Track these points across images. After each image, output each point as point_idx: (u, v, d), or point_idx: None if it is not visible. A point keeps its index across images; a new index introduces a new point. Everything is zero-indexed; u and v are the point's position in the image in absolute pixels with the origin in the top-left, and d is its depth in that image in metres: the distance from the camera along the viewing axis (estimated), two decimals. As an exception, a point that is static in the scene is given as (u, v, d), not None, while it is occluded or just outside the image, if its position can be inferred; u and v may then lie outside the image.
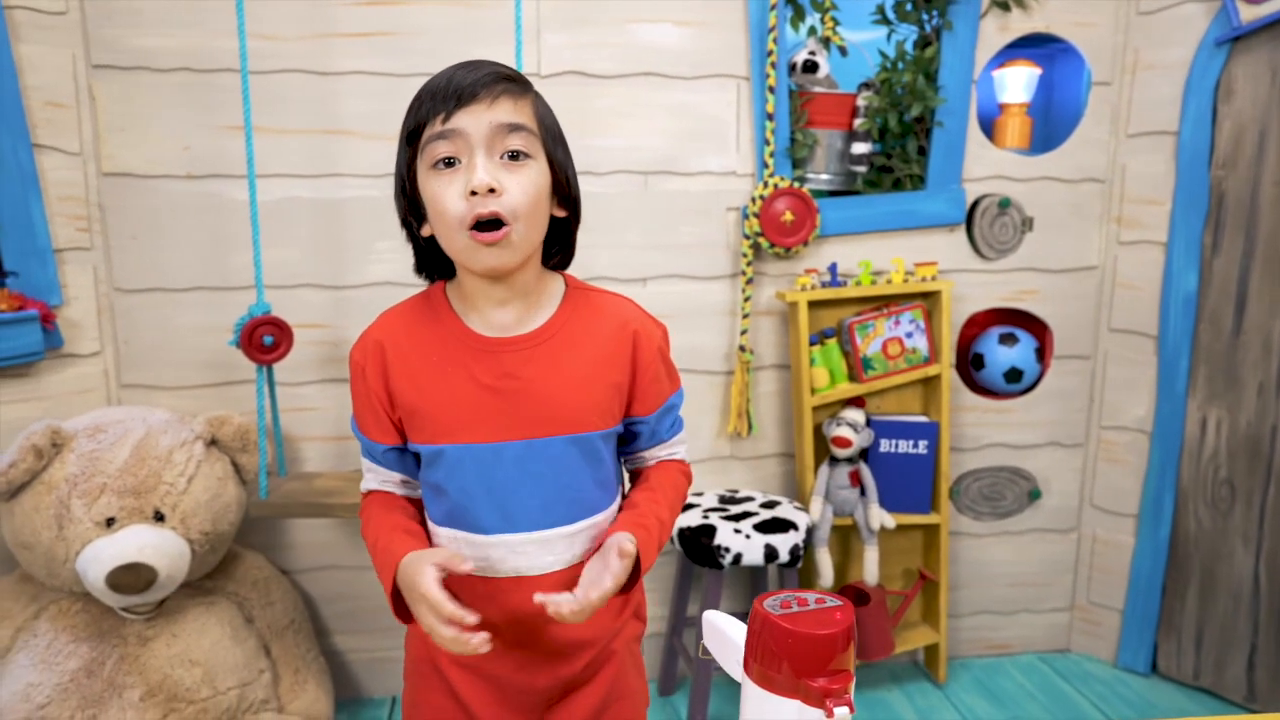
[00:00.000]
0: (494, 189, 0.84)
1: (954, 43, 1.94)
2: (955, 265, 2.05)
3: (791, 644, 0.52)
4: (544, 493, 0.92)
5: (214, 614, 1.66)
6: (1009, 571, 2.21)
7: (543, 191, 0.89)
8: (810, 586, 1.99)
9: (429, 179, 0.87)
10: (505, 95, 0.86)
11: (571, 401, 0.93)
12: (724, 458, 2.06)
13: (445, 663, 0.99)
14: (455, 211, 0.85)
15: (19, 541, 1.55)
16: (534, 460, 0.92)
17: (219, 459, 1.68)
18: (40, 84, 1.68)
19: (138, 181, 1.77)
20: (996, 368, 2.08)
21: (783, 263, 1.99)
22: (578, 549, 0.96)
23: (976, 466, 2.15)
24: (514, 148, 0.86)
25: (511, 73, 0.89)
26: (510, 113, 0.86)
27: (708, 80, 1.92)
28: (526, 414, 0.91)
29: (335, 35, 1.78)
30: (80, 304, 1.75)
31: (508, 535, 0.93)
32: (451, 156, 0.86)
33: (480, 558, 0.94)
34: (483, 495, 0.92)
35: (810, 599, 0.56)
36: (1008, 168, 2.04)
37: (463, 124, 0.85)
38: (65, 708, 1.47)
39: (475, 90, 0.85)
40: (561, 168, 0.92)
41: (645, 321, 1.00)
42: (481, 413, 0.91)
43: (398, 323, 0.96)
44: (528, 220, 0.87)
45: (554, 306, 0.95)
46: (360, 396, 0.96)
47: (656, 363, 0.99)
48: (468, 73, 0.86)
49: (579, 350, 0.94)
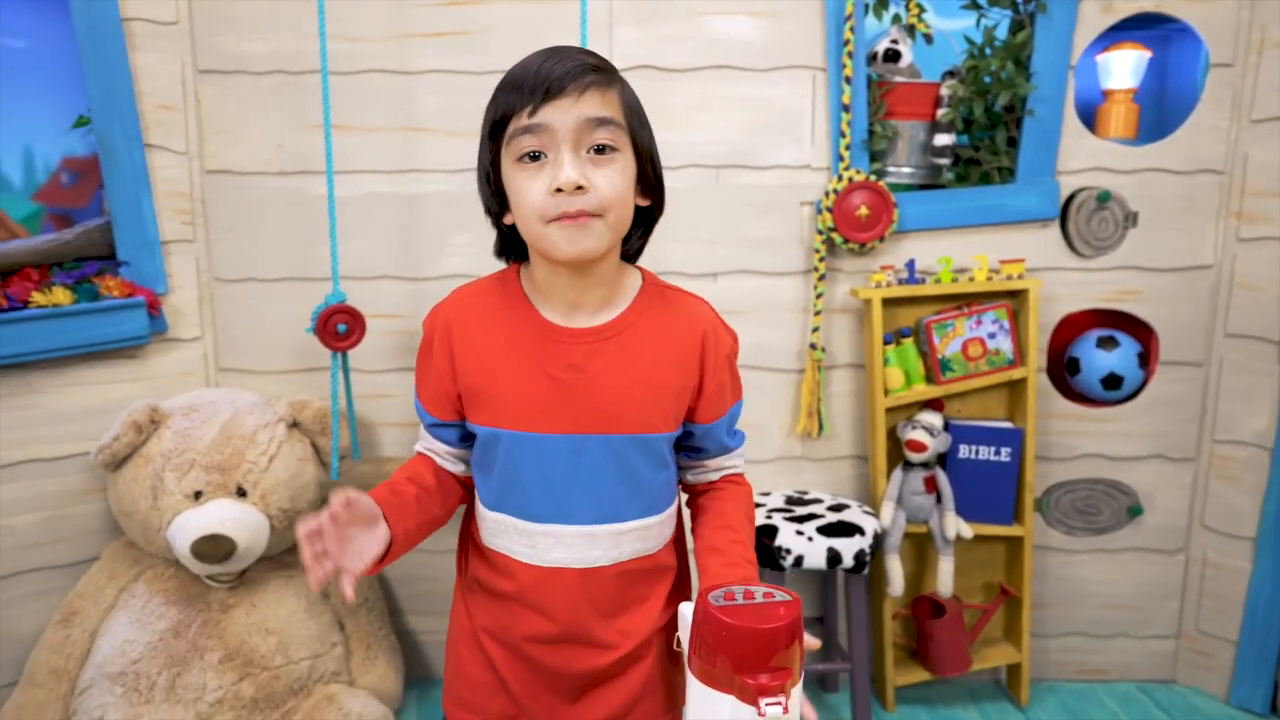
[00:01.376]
0: (581, 186, 0.83)
1: (1049, 26, 1.83)
2: (1047, 263, 1.93)
3: (727, 637, 0.50)
4: (598, 489, 0.92)
5: (291, 587, 1.76)
6: (1105, 592, 2.06)
7: (629, 185, 0.88)
8: (881, 594, 1.92)
9: (514, 172, 0.87)
10: (593, 87, 0.85)
11: (635, 400, 0.91)
12: (795, 458, 2.02)
13: (486, 637, 1.01)
14: (540, 207, 0.85)
15: (121, 509, 1.68)
16: (591, 455, 0.91)
17: (300, 440, 1.77)
18: (152, 89, 1.82)
19: (235, 178, 1.89)
20: (1094, 373, 1.95)
21: (858, 259, 1.93)
22: (624, 548, 0.95)
23: (1069, 478, 2.01)
24: (601, 141, 0.85)
25: (599, 61, 0.87)
26: (598, 106, 0.85)
27: (782, 72, 1.88)
28: (588, 408, 0.90)
29: (414, 35, 1.84)
30: (183, 292, 1.89)
31: (557, 526, 0.93)
32: (537, 150, 0.85)
33: (527, 545, 0.94)
34: (536, 484, 0.92)
35: (759, 592, 0.54)
36: (1109, 159, 1.90)
37: (549, 118, 0.83)
38: (154, 664, 1.58)
39: (563, 83, 0.83)
40: (647, 156, 0.91)
41: (718, 327, 0.98)
42: (542, 402, 0.91)
43: (469, 301, 0.97)
44: (614, 213, 0.86)
45: (628, 301, 0.94)
46: (424, 369, 0.98)
47: (724, 371, 0.97)
48: (554, 63, 0.84)
49: (648, 349, 0.92)
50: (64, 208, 1.91)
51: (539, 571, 0.94)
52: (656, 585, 1.00)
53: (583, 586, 0.94)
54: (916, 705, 1.98)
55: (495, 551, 0.98)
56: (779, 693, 0.49)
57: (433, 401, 0.98)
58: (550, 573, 0.94)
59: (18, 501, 1.73)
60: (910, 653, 2.01)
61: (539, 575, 0.94)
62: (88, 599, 1.70)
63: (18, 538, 1.74)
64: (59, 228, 1.83)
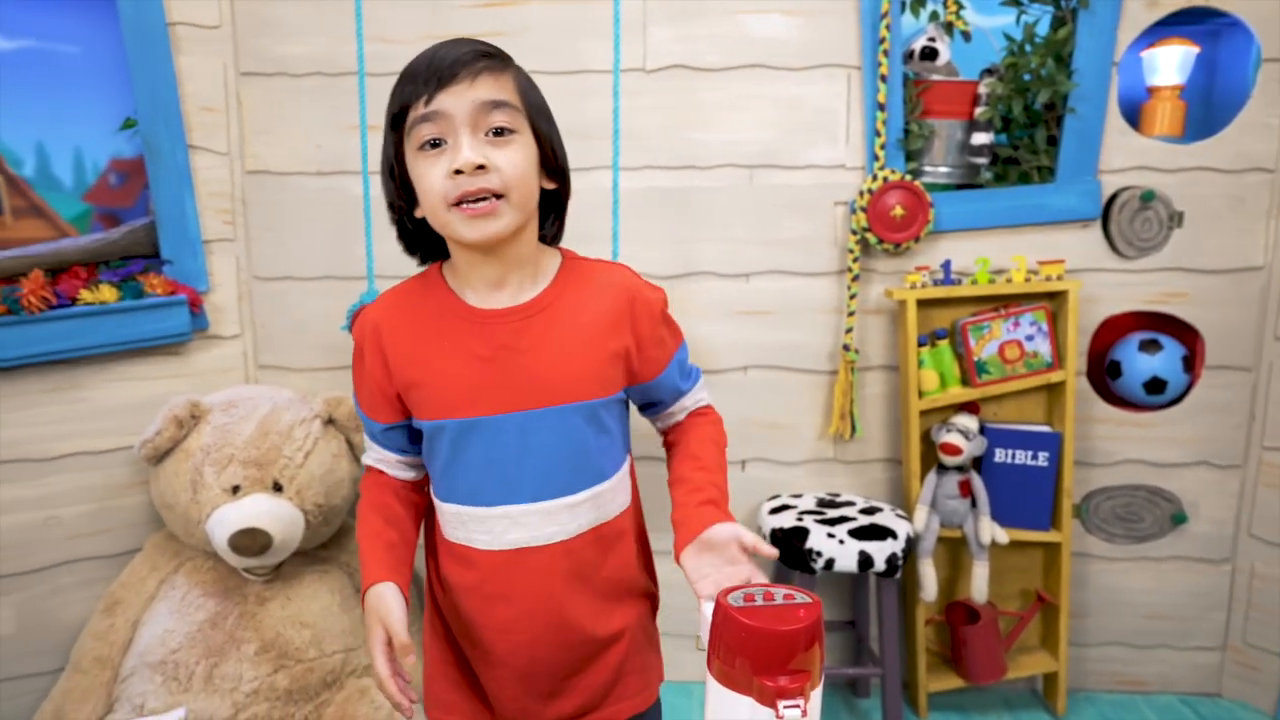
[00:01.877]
0: (482, 166, 0.85)
1: (1091, 22, 1.79)
2: (1088, 264, 1.89)
3: (747, 639, 0.50)
4: (545, 463, 0.93)
5: (326, 582, 1.78)
6: (1146, 601, 2.01)
7: (531, 164, 0.90)
8: (914, 599, 1.89)
9: (416, 161, 0.88)
10: (485, 72, 0.87)
11: (569, 371, 0.93)
12: (826, 460, 2.00)
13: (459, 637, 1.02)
14: (441, 190, 0.86)
15: (163, 502, 1.72)
16: (534, 431, 0.92)
17: (335, 437, 1.80)
18: (196, 91, 1.86)
19: (275, 178, 1.92)
20: (1136, 377, 1.90)
21: (893, 259, 1.90)
22: (581, 519, 0.96)
23: (1109, 484, 1.97)
24: (498, 124, 0.87)
25: (491, 49, 0.90)
26: (492, 89, 0.87)
27: (817, 70, 1.86)
28: (524, 385, 0.92)
29: (450, 37, 1.85)
30: (224, 290, 1.93)
31: (509, 506, 0.94)
32: (437, 138, 0.86)
33: (483, 531, 0.95)
34: (484, 468, 0.93)
35: (779, 594, 0.53)
36: (1154, 157, 1.86)
37: (445, 104, 0.85)
38: (192, 654, 1.62)
39: (455, 70, 0.85)
40: (547, 139, 0.93)
41: (642, 288, 0.99)
42: (479, 386, 0.92)
43: (394, 301, 0.99)
44: (518, 192, 0.88)
45: (549, 278, 0.96)
46: (359, 375, 0.99)
47: (659, 326, 1.00)
48: (448, 51, 0.87)
49: (575, 319, 0.94)
50: (112, 208, 1.96)
51: (500, 556, 0.95)
52: (620, 558, 1.01)
53: (545, 564, 0.95)
54: (950, 712, 1.95)
55: (456, 544, 0.98)
56: (798, 695, 0.49)
57: (372, 406, 1.00)
58: (511, 555, 0.95)
59: (66, 493, 1.78)
60: (944, 659, 1.98)
61: (500, 560, 0.95)
62: (130, 589, 1.74)
63: (66, 528, 1.79)
64: (107, 227, 1.88)
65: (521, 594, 0.96)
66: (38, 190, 1.85)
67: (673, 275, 1.91)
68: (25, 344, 1.68)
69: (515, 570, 0.95)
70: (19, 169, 1.82)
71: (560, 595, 0.96)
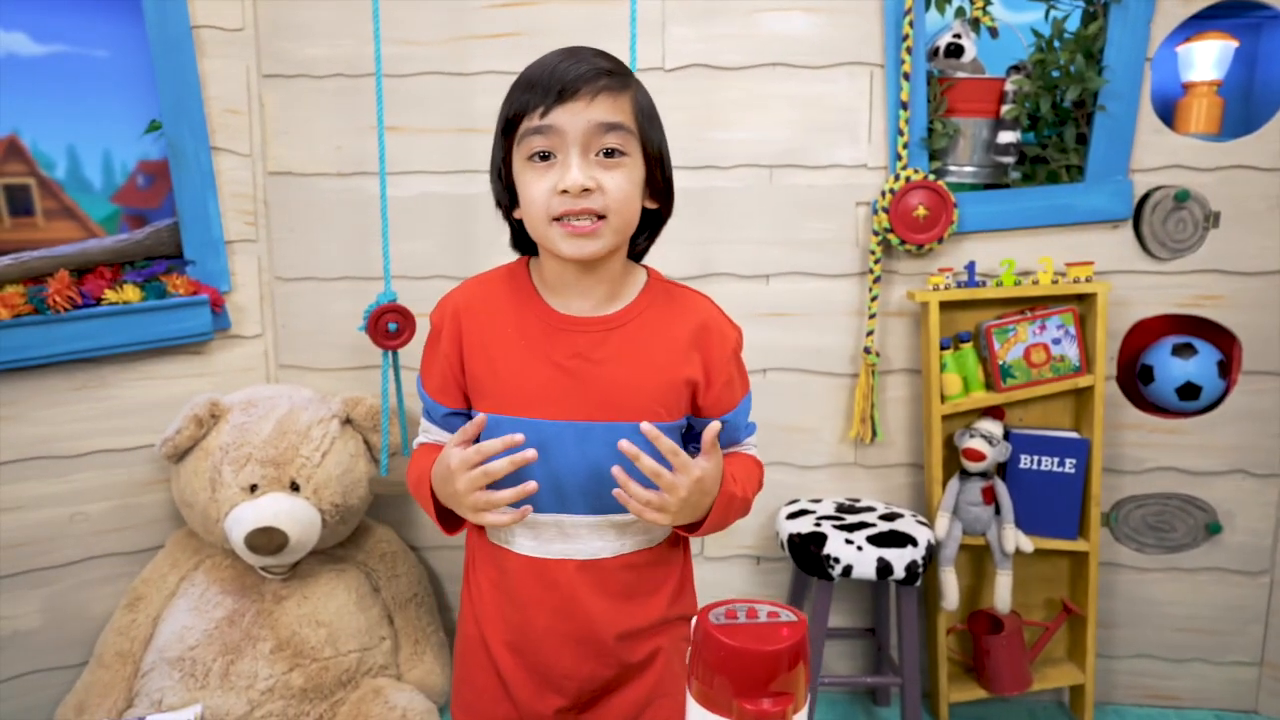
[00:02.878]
0: (588, 189, 0.85)
1: (1124, 16, 1.74)
2: (1118, 266, 1.83)
3: (727, 659, 0.48)
4: (600, 478, 0.91)
5: (343, 581, 1.79)
6: (1179, 614, 1.95)
7: (636, 188, 0.90)
8: (935, 607, 1.86)
9: (524, 169, 0.88)
10: (605, 92, 0.86)
11: (639, 389, 0.92)
12: (847, 464, 1.97)
13: (494, 643, 1.00)
14: (545, 205, 0.86)
15: (183, 500, 1.74)
16: (595, 443, 0.91)
17: (353, 437, 1.81)
18: (219, 94, 1.88)
19: (296, 180, 1.94)
20: (1169, 382, 1.85)
21: (915, 260, 1.87)
22: (628, 540, 0.96)
23: (1140, 492, 1.91)
24: (610, 146, 0.86)
25: (613, 65, 0.88)
26: (609, 111, 0.86)
27: (838, 69, 1.83)
28: (593, 397, 0.91)
29: (470, 37, 1.86)
30: (246, 290, 1.94)
31: (561, 515, 0.94)
32: (547, 151, 0.86)
33: (530, 536, 0.95)
34: (540, 472, 0.91)
35: (763, 611, 0.52)
36: (1189, 156, 1.80)
37: (560, 121, 0.85)
38: (210, 651, 1.64)
39: (576, 86, 0.84)
40: (657, 160, 0.92)
41: (721, 321, 0.98)
42: (549, 390, 0.91)
43: (478, 291, 0.98)
44: (620, 216, 0.88)
45: (634, 295, 0.96)
46: (431, 357, 0.99)
47: (730, 364, 0.97)
48: (569, 65, 0.86)
49: (652, 340, 0.93)
50: (139, 209, 1.99)
51: (542, 564, 0.95)
52: (661, 582, 1.00)
53: (586, 579, 0.94)
54: (972, 723, 1.91)
55: (499, 546, 0.98)
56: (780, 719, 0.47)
57: (441, 390, 0.99)
58: (553, 564, 0.95)
59: (91, 490, 1.81)
60: (966, 669, 1.94)
61: (542, 567, 0.95)
62: (152, 585, 1.77)
63: (91, 524, 1.82)
64: (134, 228, 1.91)
65: (560, 603, 0.95)
66: (68, 192, 1.89)
67: (691, 276, 1.89)
68: (51, 343, 1.71)
69: (555, 578, 0.95)
70: (51, 171, 1.86)
71: (595, 612, 0.95)
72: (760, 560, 2.01)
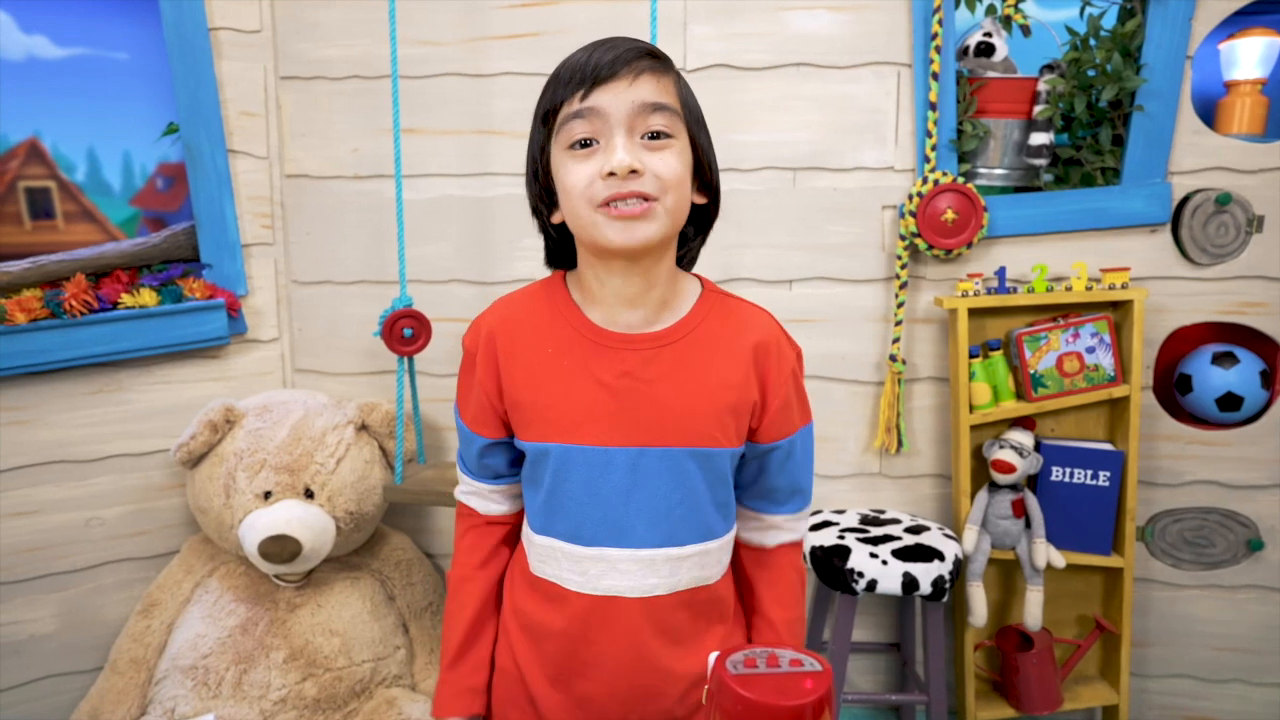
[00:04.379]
0: (636, 170, 0.78)
1: (1163, 13, 1.67)
2: (1155, 271, 1.77)
3: (744, 712, 0.45)
4: (654, 508, 0.85)
5: (357, 589, 1.77)
6: (1217, 632, 1.88)
7: (686, 171, 0.83)
8: (963, 623, 1.80)
9: (563, 160, 0.82)
10: (648, 73, 0.81)
11: (695, 411, 0.85)
12: (871, 474, 1.91)
13: (533, 679, 0.93)
14: (589, 190, 0.79)
15: (198, 506, 1.73)
16: (647, 471, 0.85)
17: (368, 443, 1.78)
18: (236, 96, 1.86)
19: (313, 182, 1.92)
20: (1208, 392, 1.78)
21: (944, 266, 1.81)
22: (682, 574, 0.88)
23: (1177, 505, 1.84)
24: (656, 128, 0.80)
25: (653, 49, 0.83)
26: (653, 91, 0.80)
27: (865, 69, 1.78)
28: (644, 419, 0.84)
29: (487, 38, 1.83)
30: (262, 294, 1.93)
31: (609, 549, 0.86)
32: (589, 137, 0.80)
33: (576, 571, 0.88)
34: (587, 503, 0.86)
35: (785, 658, 0.48)
36: (1231, 157, 1.73)
37: (602, 102, 0.79)
38: (223, 660, 1.62)
39: (616, 68, 0.79)
40: (704, 150, 0.86)
41: (781, 339, 0.91)
42: (595, 413, 0.85)
43: (511, 311, 0.92)
44: (672, 196, 0.81)
45: (688, 307, 0.88)
46: (467, 385, 0.92)
47: (789, 386, 0.89)
48: (607, 50, 0.80)
49: (709, 357, 0.86)
50: (158, 212, 1.98)
51: (590, 600, 0.87)
52: (715, 621, 0.93)
53: (638, 618, 0.87)
54: (1000, 743, 1.85)
55: (544, 580, 0.91)
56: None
57: (478, 420, 0.92)
58: (603, 602, 0.87)
59: (107, 494, 1.81)
60: (994, 686, 1.88)
61: (590, 604, 0.88)
62: (166, 591, 1.76)
63: (107, 529, 1.81)
64: (153, 231, 1.90)
65: (606, 645, 0.88)
66: (88, 195, 1.88)
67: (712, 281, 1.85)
68: (68, 347, 1.70)
69: (605, 617, 0.87)
70: (71, 174, 1.85)
71: (647, 653, 0.88)
72: (781, 572, 1.96)
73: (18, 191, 1.77)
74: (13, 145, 1.75)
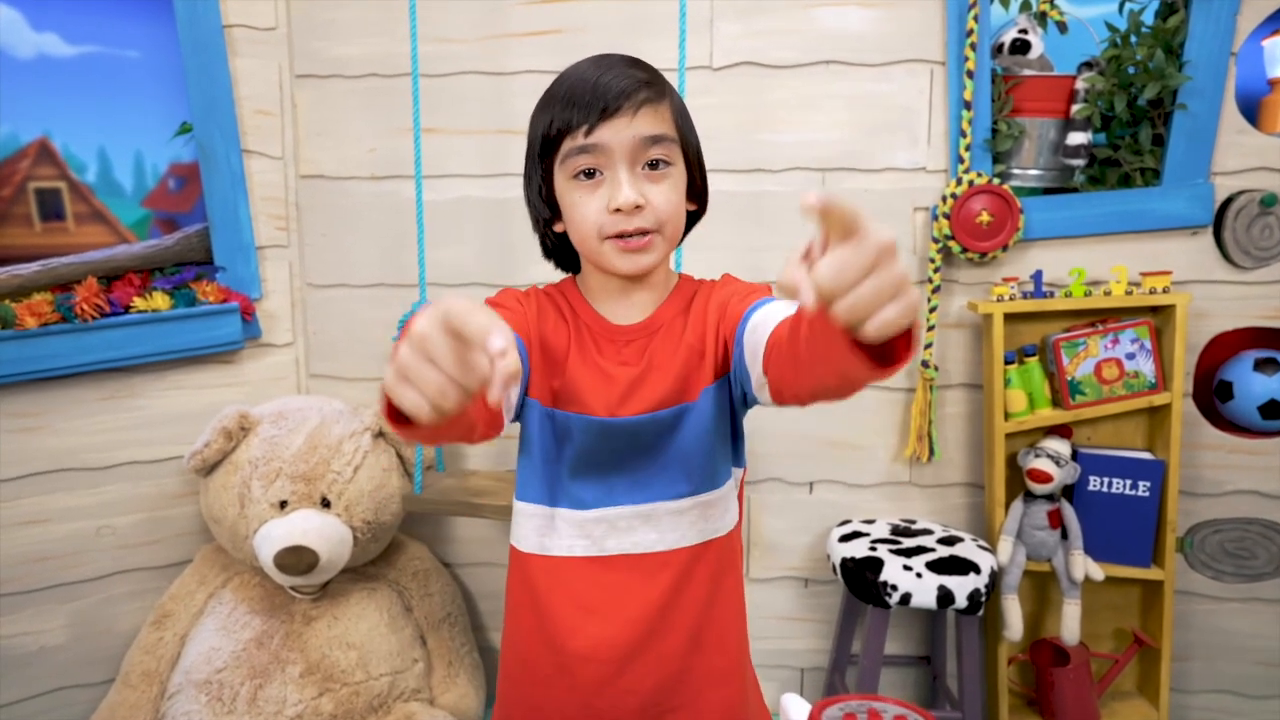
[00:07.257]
0: (640, 205, 0.85)
1: (1207, 8, 1.62)
2: (1197, 275, 1.72)
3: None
4: (649, 464, 0.90)
5: (374, 600, 1.72)
6: (1259, 646, 1.83)
7: (682, 197, 0.91)
8: (996, 636, 1.75)
9: (569, 188, 0.88)
10: (647, 105, 0.86)
11: (685, 376, 0.91)
12: (901, 483, 1.86)
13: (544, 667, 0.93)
14: (597, 224, 0.86)
15: (211, 515, 1.69)
16: (645, 433, 0.90)
17: (385, 451, 1.74)
18: (251, 94, 1.82)
19: (329, 183, 1.88)
20: (1250, 399, 1.72)
21: (977, 269, 1.76)
22: (685, 528, 0.92)
23: (1218, 516, 1.79)
24: (655, 158, 0.87)
25: (649, 76, 0.88)
26: (653, 123, 0.86)
27: (897, 66, 1.73)
28: (646, 395, 0.90)
29: (507, 36, 1.79)
30: (277, 297, 1.89)
31: (608, 509, 0.91)
32: (593, 169, 0.86)
33: (581, 535, 0.92)
34: (585, 467, 0.91)
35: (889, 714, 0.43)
36: (1276, 157, 1.68)
37: (605, 138, 0.84)
38: (237, 674, 1.57)
39: (620, 102, 0.84)
40: (696, 162, 0.93)
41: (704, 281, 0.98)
42: (600, 392, 0.91)
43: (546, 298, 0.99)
44: (670, 226, 0.89)
45: (667, 293, 0.96)
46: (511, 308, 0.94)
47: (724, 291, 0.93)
48: (607, 78, 0.85)
49: (686, 329, 0.93)
50: (171, 213, 1.94)
51: (597, 564, 0.91)
52: (724, 576, 0.94)
53: (644, 576, 0.91)
54: (1034, 760, 1.80)
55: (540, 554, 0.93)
56: None
57: None
58: (610, 562, 0.91)
59: (119, 502, 1.77)
60: (1028, 701, 1.83)
61: (596, 569, 0.91)
62: (179, 602, 1.71)
63: (119, 537, 1.77)
64: (165, 232, 1.86)
65: (616, 609, 0.91)
66: (99, 196, 1.84)
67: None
68: (79, 352, 1.66)
69: (610, 579, 0.91)
70: (82, 175, 1.81)
71: (659, 614, 0.90)
72: (808, 583, 1.91)
73: (27, 192, 1.73)
74: (23, 145, 1.71)
